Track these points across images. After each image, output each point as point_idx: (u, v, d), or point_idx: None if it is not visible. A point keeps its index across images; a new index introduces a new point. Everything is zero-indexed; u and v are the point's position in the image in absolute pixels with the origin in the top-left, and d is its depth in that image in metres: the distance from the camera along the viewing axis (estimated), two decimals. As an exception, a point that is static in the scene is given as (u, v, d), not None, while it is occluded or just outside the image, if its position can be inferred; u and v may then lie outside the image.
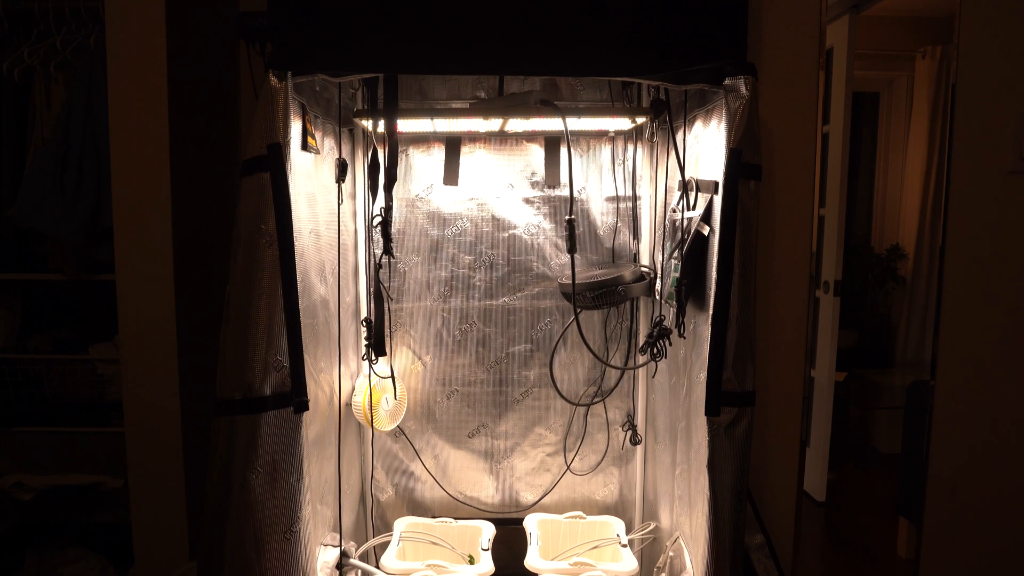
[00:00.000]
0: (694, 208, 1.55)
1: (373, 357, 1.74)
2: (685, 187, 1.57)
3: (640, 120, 1.75)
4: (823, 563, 2.89)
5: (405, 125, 1.78)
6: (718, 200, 1.39)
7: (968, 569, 1.89)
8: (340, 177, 1.64)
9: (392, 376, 1.88)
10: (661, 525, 1.86)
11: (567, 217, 1.54)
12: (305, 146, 1.45)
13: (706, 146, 1.54)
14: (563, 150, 1.91)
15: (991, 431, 1.86)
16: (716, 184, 1.41)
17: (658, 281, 1.80)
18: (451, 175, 1.92)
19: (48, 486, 2.30)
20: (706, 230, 1.47)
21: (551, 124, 1.77)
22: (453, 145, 1.93)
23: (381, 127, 1.62)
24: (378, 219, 1.65)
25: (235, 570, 1.25)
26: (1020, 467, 1.87)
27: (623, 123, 1.80)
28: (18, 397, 2.32)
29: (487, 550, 1.78)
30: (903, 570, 2.77)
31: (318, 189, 1.57)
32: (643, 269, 1.85)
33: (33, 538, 2.47)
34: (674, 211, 1.67)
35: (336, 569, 1.59)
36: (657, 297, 1.80)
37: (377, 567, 1.71)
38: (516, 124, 1.77)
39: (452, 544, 1.81)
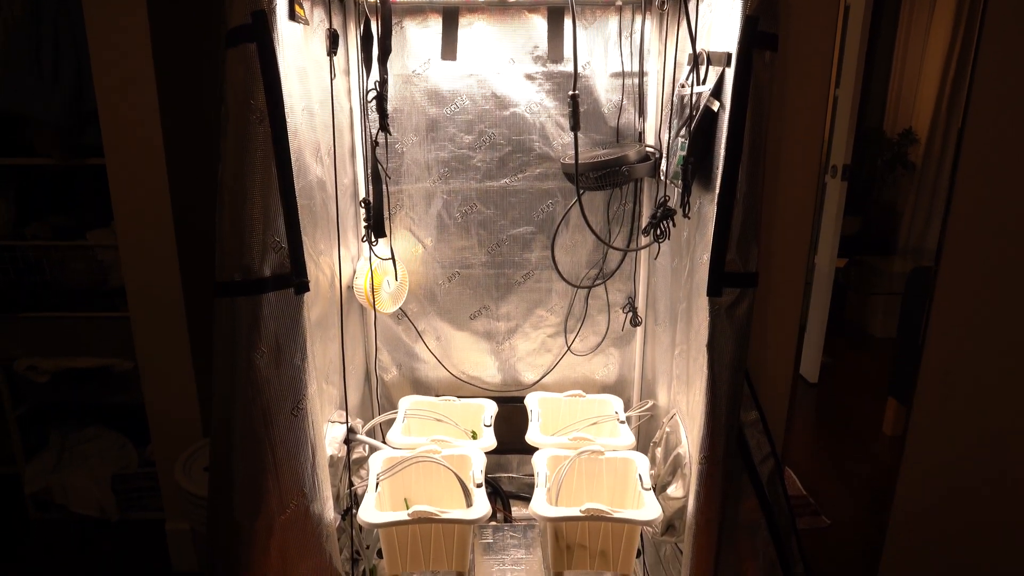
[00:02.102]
0: (704, 83, 1.48)
1: (373, 239, 1.72)
2: (695, 60, 1.49)
3: (650, -14, 1.63)
4: (813, 439, 3.02)
5: (399, -7, 1.67)
6: (730, 73, 1.32)
7: (953, 444, 1.96)
8: (332, 50, 1.55)
9: (393, 258, 1.87)
10: (659, 403, 1.91)
11: (570, 93, 1.47)
12: (293, 15, 1.36)
13: (720, 15, 1.44)
14: (567, 21, 1.80)
15: (990, 317, 1.87)
16: (729, 56, 1.33)
17: (663, 161, 1.75)
18: (449, 49, 1.82)
19: (61, 369, 2.36)
20: (716, 106, 1.40)
21: (555, -9, 1.66)
22: (451, 16, 1.81)
23: (373, -6, 1.51)
24: (373, 94, 1.57)
25: (246, 446, 1.29)
26: (1016, 353, 1.90)
27: (632, -10, 1.68)
28: (20, 284, 2.33)
29: (489, 426, 1.85)
30: (887, 446, 2.89)
31: (309, 64, 1.49)
32: (648, 149, 1.79)
33: (53, 418, 2.56)
34: (683, 86, 1.59)
35: (344, 444, 1.65)
36: (662, 178, 1.76)
37: (383, 443, 1.77)
38: (517, -9, 1.66)
39: (456, 421, 1.87)
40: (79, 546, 2.34)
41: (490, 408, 1.92)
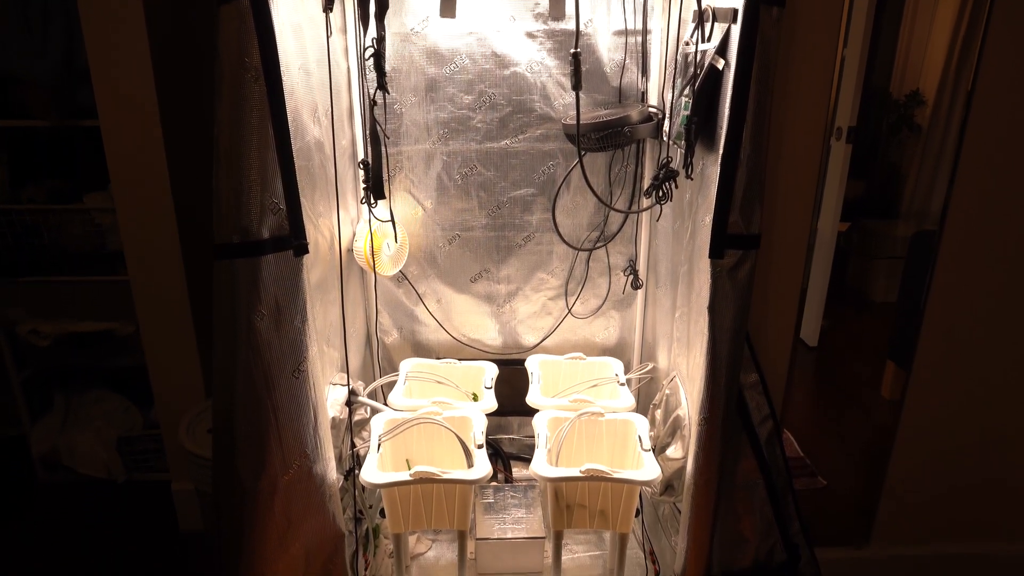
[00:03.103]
0: (709, 40, 1.44)
1: (372, 201, 1.71)
2: (701, 16, 1.45)
3: (655, -61, 1.58)
4: (811, 402, 3.04)
5: (396, -53, 1.62)
6: (736, 30, 1.29)
7: (950, 408, 1.98)
8: (327, 6, 1.51)
9: (392, 220, 1.86)
10: (659, 366, 1.92)
11: (572, 51, 1.44)
12: (287, -31, 1.32)
13: (726, -31, 1.40)
14: (569, -24, 1.75)
15: (991, 282, 1.86)
16: (735, 12, 1.30)
17: (666, 121, 1.72)
18: (448, 6, 1.77)
19: (63, 333, 2.37)
20: (720, 64, 1.37)
21: (556, -55, 1.61)
22: (449, -29, 1.76)
23: (369, -53, 1.47)
24: (370, 52, 1.54)
25: (248, 408, 1.30)
26: (1017, 318, 1.89)
27: (636, -57, 1.63)
28: (18, 248, 2.32)
29: (490, 388, 1.86)
30: (885, 409, 2.91)
31: (305, 21, 1.45)
32: (651, 109, 1.76)
33: (57, 382, 2.58)
34: (687, 44, 1.56)
35: (345, 406, 1.66)
36: (664, 138, 1.73)
37: (385, 405, 1.78)
38: (518, -55, 1.61)
39: (456, 383, 1.88)
40: (87, 507, 2.38)
41: (491, 370, 1.93)
